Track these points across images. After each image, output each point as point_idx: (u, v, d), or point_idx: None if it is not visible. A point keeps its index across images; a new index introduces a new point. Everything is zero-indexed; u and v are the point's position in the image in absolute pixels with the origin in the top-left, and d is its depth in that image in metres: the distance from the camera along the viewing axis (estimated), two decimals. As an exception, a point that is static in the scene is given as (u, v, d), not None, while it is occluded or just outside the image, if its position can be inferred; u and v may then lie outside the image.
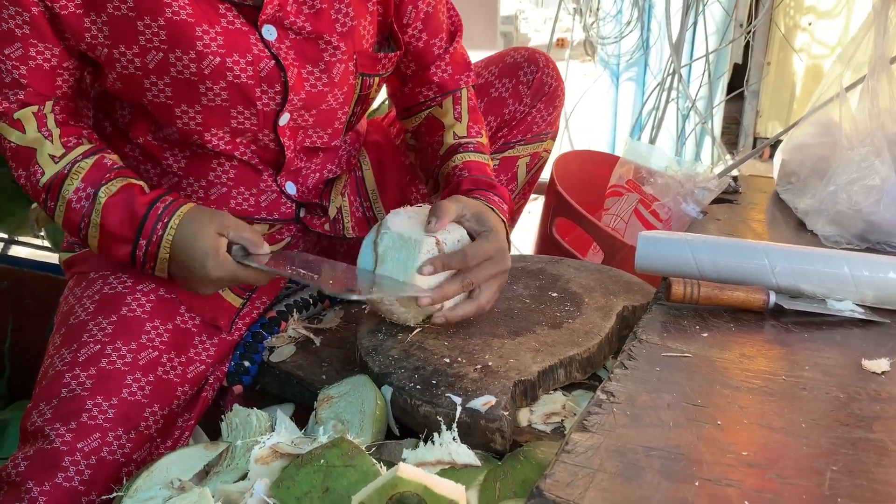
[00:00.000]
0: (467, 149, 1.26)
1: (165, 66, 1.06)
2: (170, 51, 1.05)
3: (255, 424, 0.99)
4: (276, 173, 1.23)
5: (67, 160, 1.08)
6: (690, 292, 1.04)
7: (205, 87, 1.08)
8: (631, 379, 0.88)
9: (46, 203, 1.09)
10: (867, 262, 1.06)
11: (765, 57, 4.45)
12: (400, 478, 0.73)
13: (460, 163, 1.24)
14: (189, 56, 1.05)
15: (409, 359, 1.05)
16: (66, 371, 1.04)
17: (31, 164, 1.08)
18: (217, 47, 1.06)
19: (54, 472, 0.97)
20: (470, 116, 1.30)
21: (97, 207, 1.06)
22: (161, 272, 1.09)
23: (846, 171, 1.27)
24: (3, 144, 1.09)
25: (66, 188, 1.07)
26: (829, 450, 0.75)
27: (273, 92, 1.11)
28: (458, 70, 1.32)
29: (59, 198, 1.07)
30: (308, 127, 1.21)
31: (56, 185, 1.07)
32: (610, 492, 0.68)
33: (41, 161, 1.07)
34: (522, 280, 1.27)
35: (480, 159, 1.25)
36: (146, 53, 1.05)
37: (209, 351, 1.17)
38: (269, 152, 1.20)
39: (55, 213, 1.09)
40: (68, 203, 1.07)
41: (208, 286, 1.08)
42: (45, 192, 1.08)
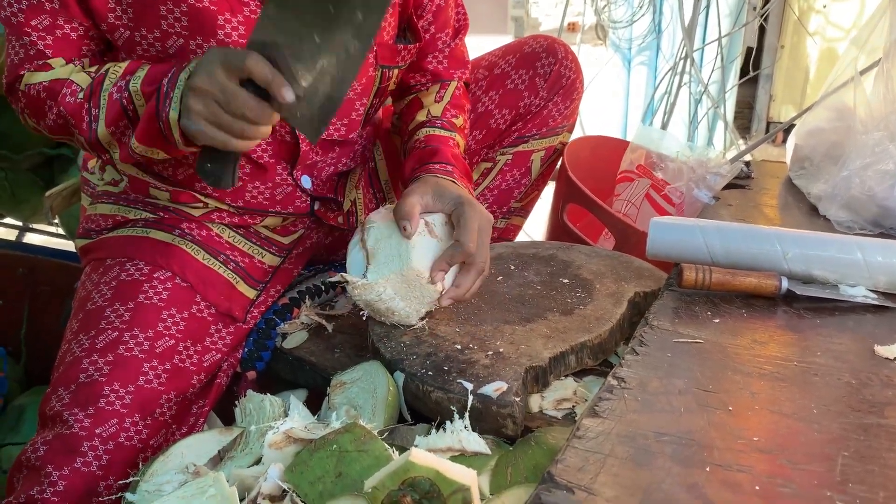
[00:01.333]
0: (433, 124, 1.25)
1: (185, 53, 1.06)
2: (191, 37, 1.05)
3: (268, 410, 1.00)
4: (292, 167, 1.23)
5: (102, 69, 1.05)
6: (702, 278, 1.04)
7: None
8: (642, 365, 0.88)
9: (90, 112, 1.04)
10: (880, 248, 1.06)
11: (778, 40, 4.41)
12: (412, 462, 0.74)
13: (422, 136, 1.23)
14: (209, 44, 1.05)
15: (420, 345, 1.05)
16: (83, 357, 1.05)
17: (66, 87, 1.05)
18: (238, 37, 1.06)
19: (73, 456, 0.98)
20: (451, 101, 1.30)
21: (139, 74, 1.01)
22: (175, 104, 0.96)
23: (860, 155, 1.26)
24: (32, 92, 1.06)
25: (106, 87, 1.03)
26: (841, 435, 0.75)
27: None
28: (454, 64, 1.33)
29: (100, 99, 1.03)
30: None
31: (97, 88, 1.04)
32: (621, 477, 0.68)
33: (77, 79, 1.05)
34: (534, 266, 1.27)
35: (444, 133, 1.23)
36: (167, 39, 1.05)
37: (225, 340, 1.18)
38: (284, 145, 1.20)
39: (99, 119, 1.03)
40: (109, 96, 1.03)
41: (201, 67, 0.93)
42: (87, 101, 1.04)
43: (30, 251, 1.94)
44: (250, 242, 1.26)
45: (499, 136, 1.44)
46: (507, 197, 1.48)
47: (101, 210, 1.25)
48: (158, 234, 1.19)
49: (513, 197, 1.49)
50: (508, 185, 1.47)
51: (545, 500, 0.65)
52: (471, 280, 1.08)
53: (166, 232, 1.19)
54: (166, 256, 1.16)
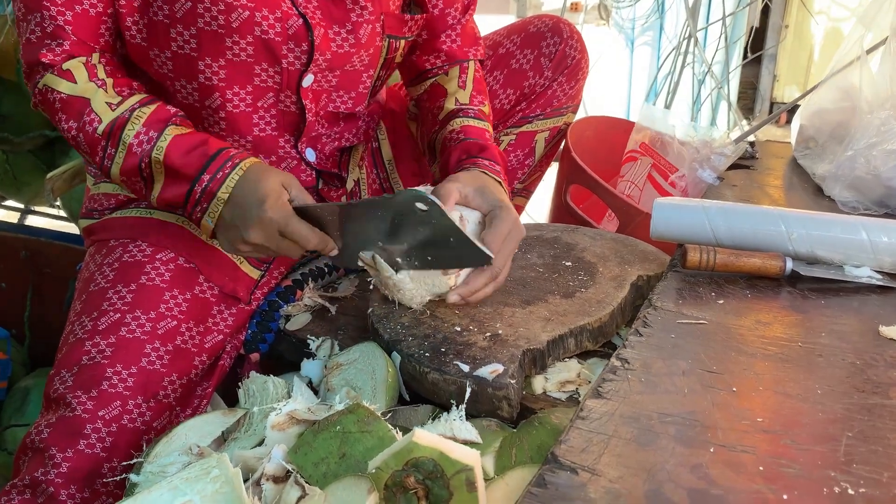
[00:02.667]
0: (467, 114, 1.24)
1: (193, 16, 1.05)
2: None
3: (271, 391, 1.00)
4: (296, 139, 1.23)
5: (125, 107, 1.05)
6: (706, 259, 1.04)
7: (231, 40, 1.07)
8: (646, 346, 0.88)
9: (105, 150, 1.04)
10: (885, 228, 1.05)
11: (783, 20, 4.38)
12: (416, 443, 0.74)
13: (458, 127, 1.22)
14: (218, 7, 1.04)
15: (419, 326, 1.05)
16: (86, 339, 1.05)
17: (86, 114, 1.04)
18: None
19: (77, 439, 0.99)
20: (474, 87, 1.28)
21: (160, 145, 1.03)
22: (210, 217, 1.03)
23: (865, 135, 1.26)
24: (49, 97, 1.06)
25: (127, 133, 1.04)
26: (845, 416, 0.74)
27: (299, 51, 1.11)
28: (467, 42, 1.31)
29: (119, 143, 1.04)
30: (331, 90, 1.20)
31: (117, 130, 1.04)
32: (625, 457, 0.68)
33: (97, 108, 1.04)
34: (537, 249, 1.26)
35: (479, 125, 1.23)
36: (175, 2, 1.04)
37: (227, 321, 1.18)
38: (289, 115, 1.19)
39: (113, 161, 1.05)
40: (129, 147, 1.03)
41: (256, 230, 1.00)
42: (105, 139, 1.04)
43: (32, 234, 1.95)
44: None
45: (503, 117, 1.43)
46: (511, 177, 1.47)
47: (104, 189, 1.24)
48: (162, 215, 1.18)
49: (516, 178, 1.48)
50: (512, 166, 1.46)
51: (549, 480, 0.66)
52: (482, 282, 1.06)
53: (170, 212, 1.18)
54: (170, 237, 1.15)
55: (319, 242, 1.03)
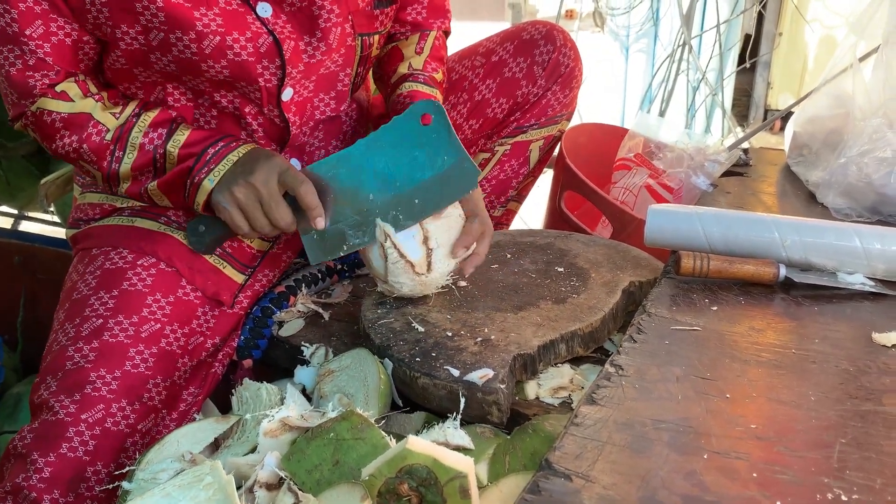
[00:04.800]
0: (416, 79, 1.26)
1: (167, 45, 1.06)
2: (170, 31, 1.05)
3: (264, 398, 1.00)
4: (282, 149, 1.23)
5: (128, 112, 1.11)
6: (700, 266, 1.04)
7: (206, 65, 1.08)
8: (640, 352, 0.88)
9: (114, 153, 1.10)
10: (878, 235, 1.05)
11: (776, 27, 4.40)
12: (409, 450, 0.74)
13: (406, 91, 1.24)
14: (189, 37, 1.05)
15: (410, 331, 1.05)
16: (69, 345, 1.05)
17: (91, 125, 1.09)
18: (217, 27, 1.05)
19: (59, 442, 0.98)
20: (431, 53, 1.30)
21: (178, 137, 1.09)
22: (215, 175, 1.07)
23: (858, 142, 1.26)
24: (45, 118, 1.09)
25: (135, 135, 1.09)
26: (838, 423, 0.75)
27: (274, 67, 1.11)
28: (433, 14, 1.33)
29: (127, 145, 1.09)
30: (311, 96, 1.20)
31: (125, 134, 1.09)
32: (619, 464, 0.68)
33: (101, 119, 1.09)
34: (530, 255, 1.26)
35: (427, 90, 1.25)
36: (148, 32, 1.05)
37: (209, 323, 1.17)
38: (274, 127, 1.20)
39: (122, 162, 1.10)
40: (140, 146, 1.09)
41: (261, 170, 1.05)
42: (114, 143, 1.09)
43: (26, 239, 1.94)
44: None
45: (496, 126, 1.43)
46: (505, 187, 1.48)
47: (90, 199, 1.25)
48: (144, 223, 1.18)
49: (511, 187, 1.48)
50: (507, 175, 1.46)
51: (543, 487, 0.65)
52: (486, 246, 1.14)
53: (152, 220, 1.19)
54: (152, 243, 1.16)
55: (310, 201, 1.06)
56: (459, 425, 0.89)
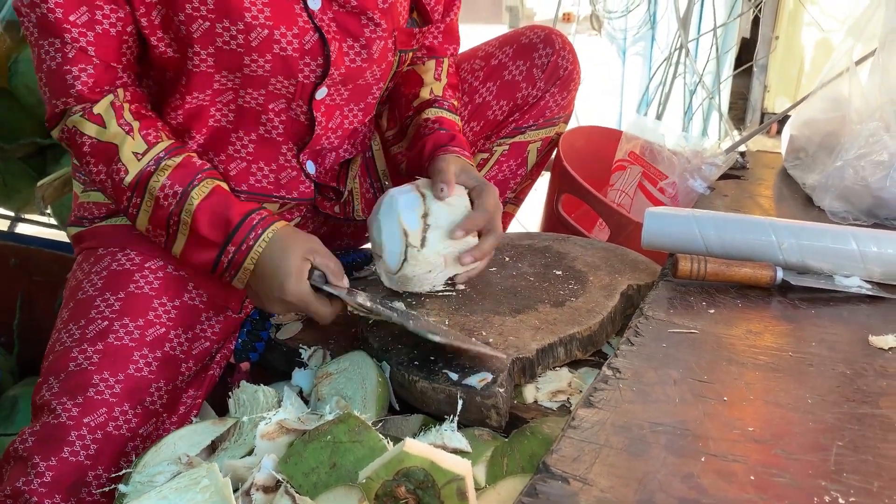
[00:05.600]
0: (441, 105, 1.31)
1: (211, 36, 1.05)
2: (217, 20, 1.04)
3: (262, 401, 1.00)
4: (299, 150, 1.22)
5: (151, 157, 1.06)
6: (697, 268, 1.04)
7: (250, 58, 1.07)
8: (637, 355, 0.88)
9: (131, 200, 1.07)
10: (875, 238, 1.06)
11: (773, 31, 4.41)
12: (406, 453, 0.74)
13: (433, 116, 1.29)
14: (237, 27, 1.04)
15: (409, 335, 1.05)
16: (73, 346, 1.05)
17: (114, 162, 1.06)
18: (265, 19, 1.05)
19: (60, 446, 0.98)
20: (448, 81, 1.35)
21: (188, 207, 1.05)
22: (240, 283, 1.09)
23: (855, 146, 1.26)
24: (77, 139, 1.06)
25: (153, 185, 1.06)
26: (835, 425, 0.75)
27: (315, 65, 1.11)
28: (448, 40, 1.38)
29: (145, 194, 1.06)
30: (343, 104, 1.21)
31: (143, 182, 1.06)
32: (616, 467, 0.68)
33: (124, 159, 1.06)
34: (528, 258, 1.26)
35: (451, 117, 1.30)
36: (192, 22, 1.04)
37: (215, 328, 1.17)
38: (297, 125, 1.19)
39: (140, 210, 1.07)
40: (156, 200, 1.06)
41: (278, 305, 1.08)
42: (131, 190, 1.06)
43: (22, 241, 1.93)
44: None
45: (496, 127, 1.43)
46: (503, 187, 1.48)
47: (94, 198, 1.24)
48: None
49: (509, 187, 1.49)
50: (505, 176, 1.46)
51: (541, 489, 0.65)
52: (490, 244, 1.16)
53: None
54: (159, 246, 1.15)
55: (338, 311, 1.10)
56: (457, 428, 0.89)
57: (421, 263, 1.12)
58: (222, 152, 1.19)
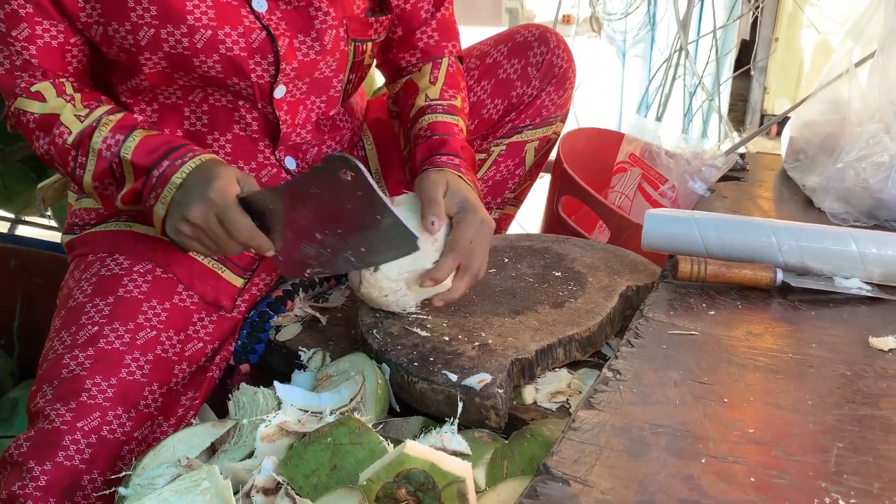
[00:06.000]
0: (435, 110, 1.24)
1: (158, 42, 1.06)
2: (161, 26, 1.04)
3: (261, 403, 1.00)
4: (275, 147, 1.23)
5: (93, 117, 1.07)
6: (697, 270, 1.04)
7: (198, 60, 1.08)
8: (637, 357, 0.88)
9: (76, 159, 1.07)
10: (875, 240, 1.06)
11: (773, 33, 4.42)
12: (407, 455, 0.74)
13: (426, 124, 1.22)
14: (181, 31, 1.04)
15: (408, 336, 1.05)
16: (65, 353, 1.05)
17: (56, 128, 1.06)
18: (208, 20, 1.05)
19: (55, 451, 0.98)
20: (446, 81, 1.28)
21: (129, 144, 1.04)
22: (163, 202, 1.02)
23: (855, 147, 1.26)
24: (22, 119, 1.08)
25: (96, 140, 1.05)
26: (836, 427, 0.75)
27: (266, 63, 1.11)
28: (444, 37, 1.31)
29: (89, 150, 1.06)
30: (305, 98, 1.20)
31: (85, 139, 1.06)
32: (616, 469, 0.68)
33: (66, 121, 1.06)
34: (527, 259, 1.26)
35: (448, 119, 1.23)
36: (138, 30, 1.05)
37: (208, 328, 1.17)
38: (268, 122, 1.20)
39: (85, 168, 1.07)
40: (99, 153, 1.05)
41: (196, 208, 0.98)
42: (75, 149, 1.06)
43: (22, 243, 1.93)
44: None
45: (492, 127, 1.43)
46: (501, 188, 1.48)
47: (85, 204, 1.24)
48: (141, 228, 1.18)
49: (507, 188, 1.49)
50: (503, 176, 1.46)
51: (541, 491, 0.65)
52: (465, 285, 1.08)
53: (149, 224, 1.18)
54: (148, 249, 1.15)
55: (254, 238, 1.00)
56: (457, 430, 0.89)
57: (375, 287, 1.07)
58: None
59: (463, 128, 1.26)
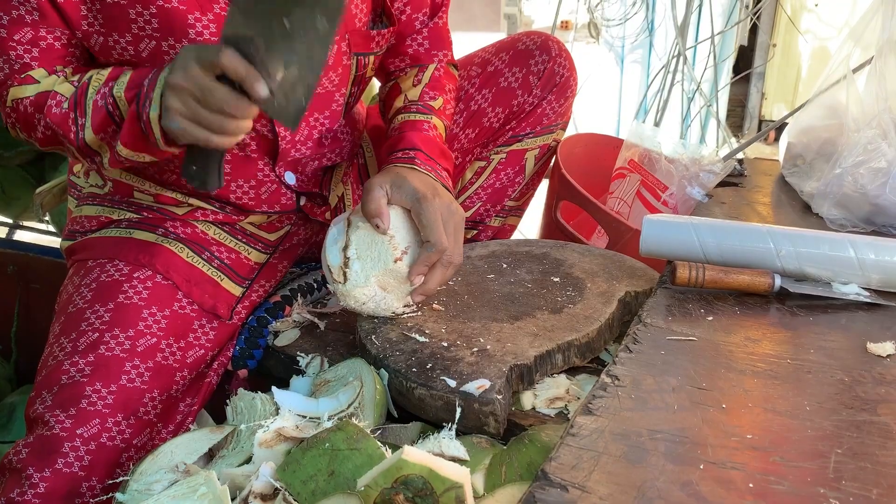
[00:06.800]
0: (409, 110, 1.24)
1: (159, 55, 1.05)
2: (162, 38, 1.04)
3: (259, 408, 1.00)
4: (274, 163, 1.22)
5: (85, 77, 1.05)
6: (695, 276, 1.04)
7: None
8: (636, 362, 0.88)
9: (76, 122, 1.03)
10: (873, 246, 1.06)
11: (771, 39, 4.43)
12: (405, 460, 0.74)
13: (397, 124, 1.22)
14: (181, 44, 1.04)
15: (407, 342, 1.05)
16: (65, 359, 1.05)
17: (50, 98, 1.04)
18: (209, 35, 1.05)
19: (54, 457, 0.98)
20: (429, 84, 1.28)
21: (122, 80, 1.01)
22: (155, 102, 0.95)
23: (852, 153, 1.27)
24: (20, 107, 1.06)
25: (90, 95, 1.03)
26: (834, 433, 0.75)
27: None
28: (434, 45, 1.31)
29: (85, 107, 1.03)
30: (308, 115, 1.20)
31: (81, 97, 1.03)
32: (615, 474, 0.68)
33: (61, 90, 1.05)
34: (526, 265, 1.26)
35: (419, 118, 1.22)
36: (139, 42, 1.04)
37: (208, 335, 1.17)
38: (265, 141, 1.19)
39: (85, 126, 1.03)
40: (94, 104, 1.02)
41: (182, 74, 0.90)
42: (73, 111, 1.04)
43: (20, 248, 1.93)
44: (236, 239, 1.26)
45: (492, 135, 1.43)
46: (501, 196, 1.48)
47: (86, 212, 1.24)
48: (142, 234, 1.18)
49: (507, 195, 1.49)
50: (503, 184, 1.46)
51: (539, 497, 0.65)
52: (439, 274, 1.08)
53: (149, 231, 1.18)
54: (149, 255, 1.15)
55: (235, 69, 0.88)
56: (455, 436, 0.89)
57: (350, 297, 1.08)
58: None
59: (437, 125, 1.24)
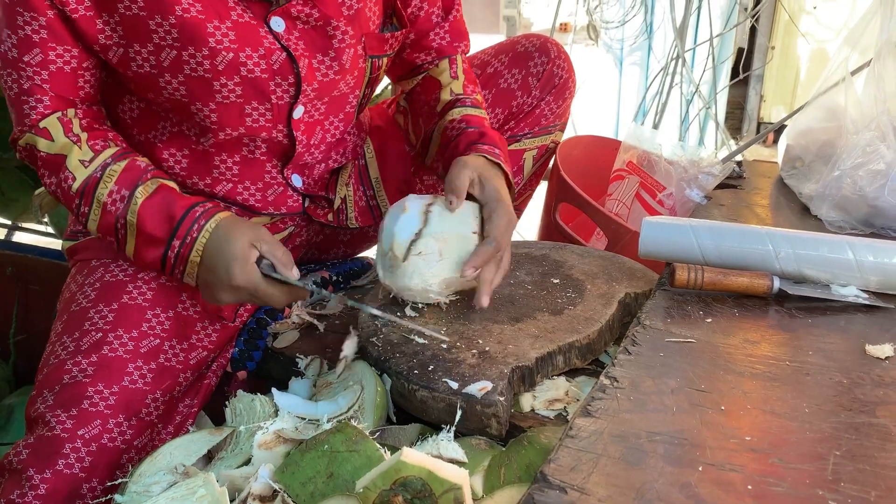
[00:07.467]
0: (465, 103, 1.27)
1: (179, 65, 1.05)
2: (182, 48, 1.04)
3: (258, 410, 1.00)
4: (283, 166, 1.23)
5: (97, 164, 1.06)
6: (694, 278, 1.04)
7: (219, 83, 1.07)
8: (635, 364, 0.88)
9: (80, 208, 1.06)
10: (871, 248, 1.06)
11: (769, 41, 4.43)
12: (404, 462, 0.74)
13: (458, 116, 1.24)
14: (202, 53, 1.04)
15: (408, 344, 1.05)
16: (67, 359, 1.04)
17: (62, 171, 1.05)
18: (229, 42, 1.05)
19: (55, 458, 0.97)
20: (466, 77, 1.31)
21: (133, 208, 1.04)
22: (190, 278, 1.06)
23: (851, 155, 1.27)
24: (35, 154, 1.07)
25: (100, 191, 1.05)
26: (833, 435, 0.75)
27: (287, 84, 1.11)
28: (455, 38, 1.34)
29: (93, 201, 1.05)
30: (322, 118, 1.20)
31: (90, 190, 1.05)
32: (614, 476, 0.68)
33: (71, 167, 1.05)
34: (525, 266, 1.26)
35: (477, 113, 1.26)
36: (160, 52, 1.04)
37: (211, 337, 1.17)
38: (279, 146, 1.19)
39: (89, 218, 1.06)
40: (104, 206, 1.05)
41: (228, 293, 1.03)
42: (79, 198, 1.06)
43: (19, 250, 1.93)
44: None
45: None
46: None
47: None
48: None
49: (505, 194, 1.49)
50: None
51: (538, 499, 0.65)
52: (500, 277, 1.11)
53: None
54: None
55: (290, 296, 1.05)
56: (454, 437, 0.89)
57: (399, 277, 1.09)
58: (207, 175, 1.19)
59: (489, 121, 1.29)
